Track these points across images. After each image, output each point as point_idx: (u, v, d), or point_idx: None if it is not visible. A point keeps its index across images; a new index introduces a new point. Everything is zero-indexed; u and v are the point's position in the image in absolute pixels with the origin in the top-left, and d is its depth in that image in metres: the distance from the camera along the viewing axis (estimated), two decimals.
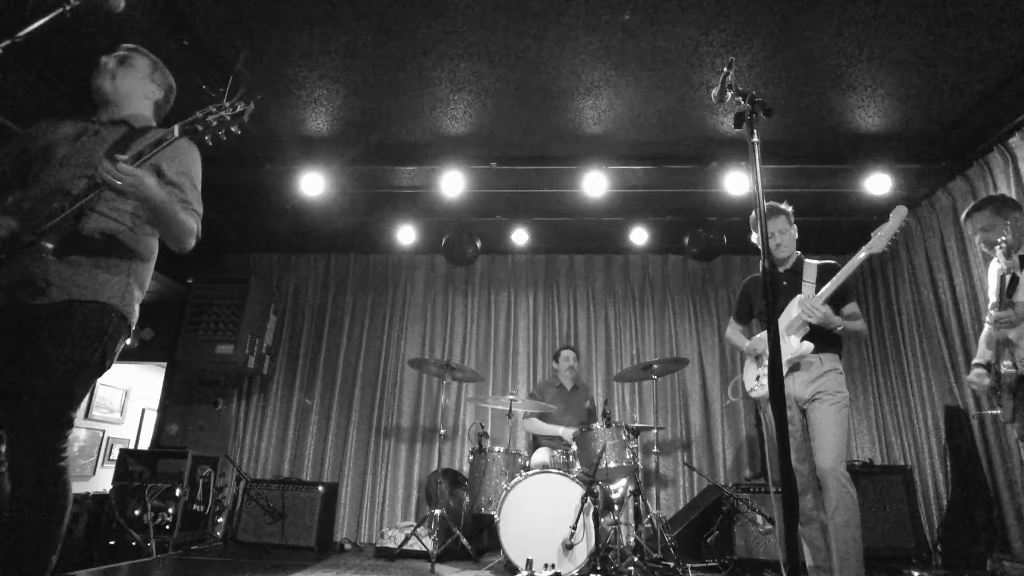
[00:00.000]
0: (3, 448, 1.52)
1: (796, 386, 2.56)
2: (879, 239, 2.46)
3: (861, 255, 2.49)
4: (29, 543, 1.46)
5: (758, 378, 2.68)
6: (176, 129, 1.52)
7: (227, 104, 1.52)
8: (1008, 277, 2.42)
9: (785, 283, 2.70)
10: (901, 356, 4.50)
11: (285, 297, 5.42)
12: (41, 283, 1.55)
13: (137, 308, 1.77)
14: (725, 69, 1.56)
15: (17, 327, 1.56)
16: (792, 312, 2.60)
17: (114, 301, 1.66)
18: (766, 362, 2.37)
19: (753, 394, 2.74)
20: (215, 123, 1.51)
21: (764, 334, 2.58)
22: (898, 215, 2.47)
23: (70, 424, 1.55)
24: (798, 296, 2.60)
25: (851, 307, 2.68)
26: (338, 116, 3.67)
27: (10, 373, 1.52)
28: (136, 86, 1.90)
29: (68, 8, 1.34)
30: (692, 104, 3.46)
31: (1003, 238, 2.42)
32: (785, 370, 2.48)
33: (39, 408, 1.49)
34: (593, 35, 2.98)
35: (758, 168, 1.26)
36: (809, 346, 2.53)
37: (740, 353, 2.93)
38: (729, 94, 1.56)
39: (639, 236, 4.77)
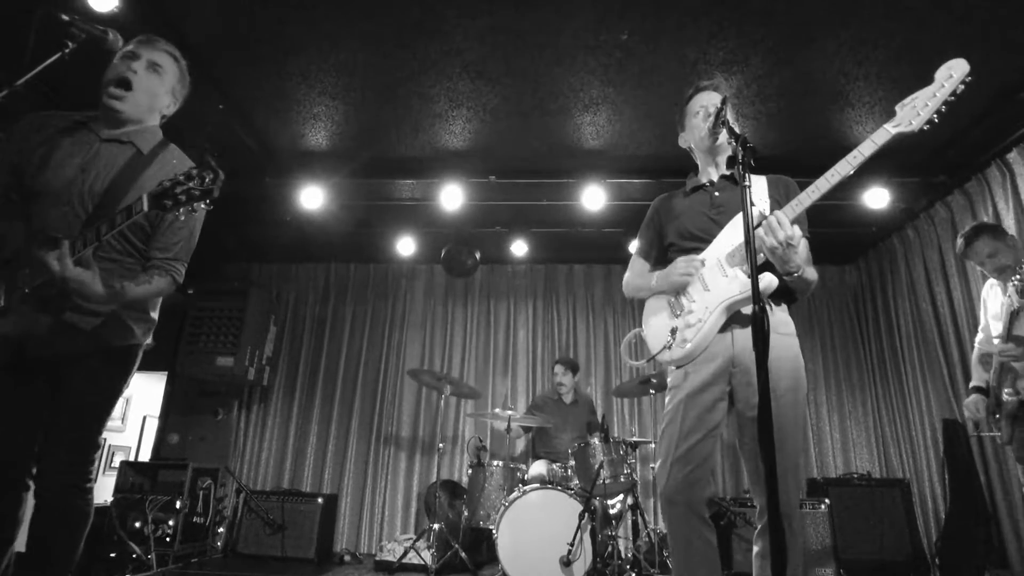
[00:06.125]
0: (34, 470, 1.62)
1: (738, 344, 1.71)
2: (917, 110, 1.55)
3: (878, 139, 1.58)
4: (55, 552, 1.60)
5: (673, 332, 1.78)
6: (145, 201, 1.43)
7: (195, 172, 1.42)
8: (1015, 311, 2.41)
9: (717, 194, 1.85)
10: (900, 369, 4.50)
11: (285, 307, 5.43)
12: (50, 333, 1.55)
13: (152, 330, 1.81)
14: (719, 105, 1.54)
15: (42, 370, 1.60)
16: (738, 235, 1.70)
17: (139, 339, 1.73)
18: (688, 305, 1.76)
19: (664, 357, 1.80)
20: (184, 198, 1.42)
21: (687, 259, 1.79)
22: (953, 70, 1.50)
23: (98, 447, 1.65)
24: (755, 210, 1.61)
25: (806, 245, 1.76)
26: (337, 131, 3.68)
27: (44, 412, 1.60)
28: (155, 99, 1.71)
29: (67, 52, 1.36)
30: None
31: (1018, 276, 2.38)
32: (721, 319, 1.71)
33: (72, 441, 1.59)
34: (591, 54, 2.99)
35: (751, 214, 1.26)
36: (772, 279, 1.63)
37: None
38: (723, 132, 1.55)
39: None
